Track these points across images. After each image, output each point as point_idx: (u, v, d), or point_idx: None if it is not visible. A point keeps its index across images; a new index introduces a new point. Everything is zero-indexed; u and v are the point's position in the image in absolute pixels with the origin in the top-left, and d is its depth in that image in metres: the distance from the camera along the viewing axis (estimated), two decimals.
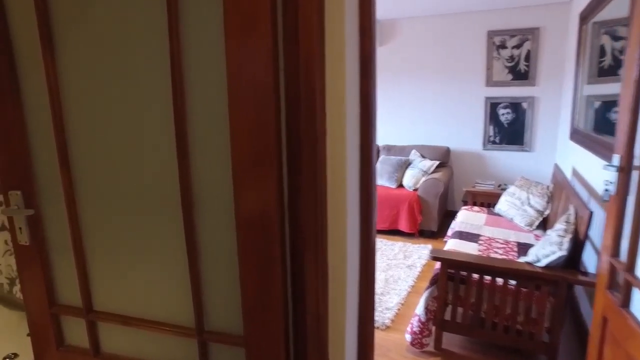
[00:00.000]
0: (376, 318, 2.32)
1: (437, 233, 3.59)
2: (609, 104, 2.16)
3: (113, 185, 1.04)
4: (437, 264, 2.11)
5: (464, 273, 1.93)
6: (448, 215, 3.88)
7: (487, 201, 3.45)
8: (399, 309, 2.43)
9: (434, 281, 2.04)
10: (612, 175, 1.12)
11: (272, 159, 0.83)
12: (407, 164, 3.85)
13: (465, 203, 3.55)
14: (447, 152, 3.98)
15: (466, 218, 2.91)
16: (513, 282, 1.85)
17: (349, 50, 0.85)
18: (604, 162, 1.87)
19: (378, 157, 4.11)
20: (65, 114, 1.05)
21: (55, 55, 1.02)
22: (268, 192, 0.85)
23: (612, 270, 1.16)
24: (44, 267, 1.19)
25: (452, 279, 1.97)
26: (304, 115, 0.83)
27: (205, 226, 0.96)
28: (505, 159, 3.85)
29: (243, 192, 0.87)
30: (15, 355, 1.51)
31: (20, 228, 1.16)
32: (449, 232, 2.98)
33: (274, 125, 0.82)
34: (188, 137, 0.92)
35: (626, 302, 1.08)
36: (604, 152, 1.98)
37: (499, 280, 1.86)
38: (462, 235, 2.57)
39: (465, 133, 3.98)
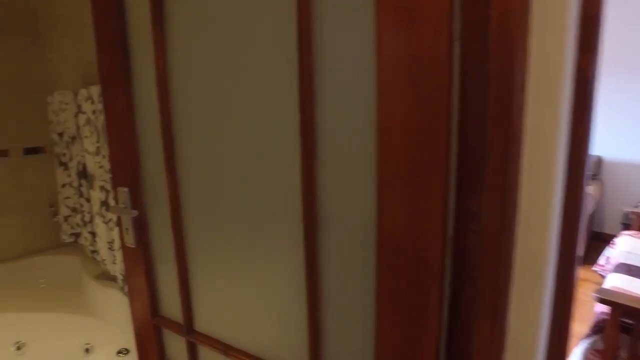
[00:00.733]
0: None
1: (585, 258, 2.96)
2: None
3: (222, 192, 0.86)
4: (601, 306, 1.63)
5: None
6: (596, 239, 3.21)
7: None
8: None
9: (598, 329, 1.58)
10: None
11: (439, 170, 0.56)
12: None
13: (626, 227, 2.87)
14: (598, 162, 3.29)
15: (632, 247, 2.30)
16: None
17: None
18: None
19: None
20: (173, 107, 0.90)
21: (166, 42, 0.87)
22: (430, 216, 0.58)
23: None
24: (148, 273, 1.07)
25: (627, 330, 1.49)
26: (492, 107, 0.54)
27: (330, 251, 0.72)
28: None
29: (390, 212, 0.61)
30: (127, 350, 1.46)
31: (127, 229, 1.06)
32: (604, 262, 2.40)
33: (445, 119, 0.54)
34: (316, 136, 0.69)
35: None
36: None
37: None
38: (630, 270, 2.01)
39: (624, 138, 3.24)
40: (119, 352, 1.44)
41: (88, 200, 1.71)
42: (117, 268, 1.51)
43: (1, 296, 2.10)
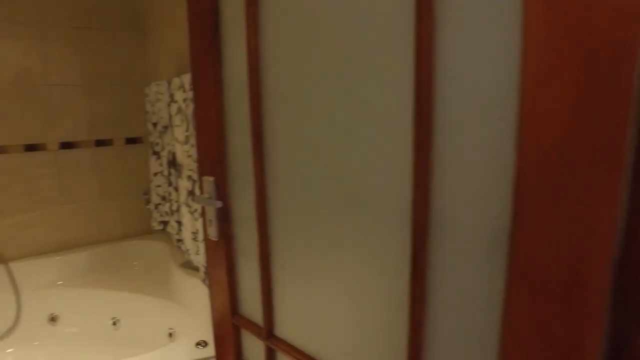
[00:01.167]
0: None
1: None
2: None
3: (314, 186, 0.76)
4: None
5: None
6: None
7: None
8: None
9: None
10: None
11: (613, 169, 0.40)
12: None
13: None
14: None
15: None
16: None
17: None
18: None
19: None
20: (264, 91, 0.82)
21: (259, 17, 0.79)
22: (593, 229, 0.42)
23: None
24: (230, 269, 1.01)
25: None
26: None
27: (443, 260, 0.59)
28: None
29: (536, 221, 0.46)
30: (206, 343, 1.45)
31: (210, 220, 1.01)
32: None
33: (627, 101, 0.38)
34: (432, 121, 0.56)
35: None
36: None
37: None
38: None
39: None
40: (198, 343, 1.43)
41: (176, 189, 1.74)
42: (200, 259, 1.50)
43: (103, 275, 2.24)
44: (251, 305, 0.99)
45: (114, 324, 2.12)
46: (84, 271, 2.24)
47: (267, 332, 0.93)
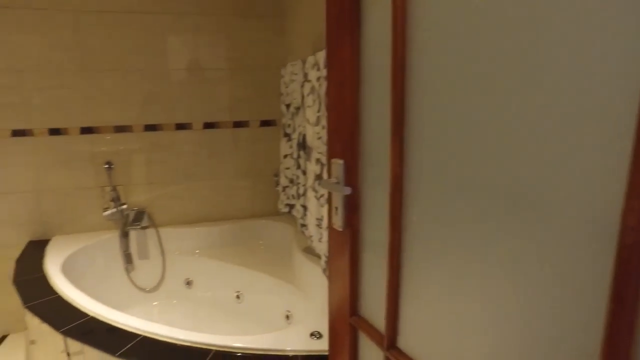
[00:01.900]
0: None
1: None
2: None
3: (469, 183, 0.60)
4: None
5: None
6: None
7: None
8: None
9: None
10: None
11: None
12: None
13: None
14: None
15: None
16: None
17: None
18: None
19: None
20: (409, 63, 0.68)
21: None
22: None
23: None
24: (353, 263, 0.91)
25: None
26: None
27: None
28: None
29: None
30: (320, 335, 1.39)
31: (336, 208, 0.92)
32: None
33: None
34: None
35: None
36: None
37: None
38: None
39: None
40: (312, 334, 1.37)
41: (304, 172, 1.71)
42: (322, 247, 1.44)
43: (232, 250, 2.37)
44: (373, 308, 0.88)
45: (238, 297, 2.22)
46: (216, 244, 2.40)
47: (389, 342, 0.81)
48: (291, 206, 1.99)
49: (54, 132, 2.17)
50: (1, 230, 2.21)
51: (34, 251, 2.10)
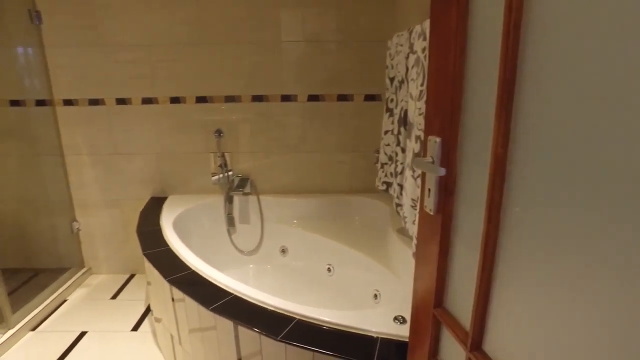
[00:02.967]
0: None
1: None
2: None
3: (579, 163, 0.48)
4: None
5: None
6: None
7: None
8: None
9: None
10: None
11: None
12: None
13: None
14: None
15: None
16: None
17: None
18: None
19: None
20: (525, 22, 0.56)
21: None
22: None
23: None
24: (442, 251, 0.83)
25: None
26: None
27: None
28: None
29: None
30: (404, 320, 1.33)
31: (429, 189, 0.84)
32: None
33: None
34: None
35: None
36: None
37: None
38: None
39: None
40: (396, 318, 1.32)
41: (403, 150, 1.62)
42: (415, 229, 1.36)
43: (327, 223, 2.40)
44: (460, 302, 0.79)
45: (329, 270, 2.25)
46: (313, 216, 2.44)
47: (474, 343, 0.72)
48: (388, 184, 1.92)
49: (174, 100, 2.37)
50: (132, 185, 2.53)
51: (154, 206, 2.36)
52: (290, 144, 2.44)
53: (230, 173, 2.43)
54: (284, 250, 2.45)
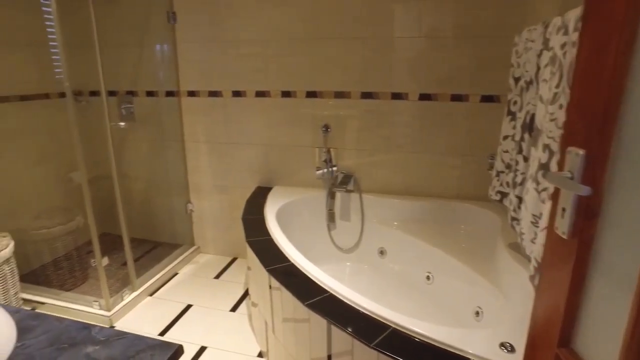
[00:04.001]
0: None
1: None
2: None
3: None
4: None
5: None
6: None
7: None
8: None
9: None
10: None
11: None
12: None
13: None
14: None
15: None
16: None
17: None
18: None
19: None
20: None
21: None
22: None
23: None
24: (574, 282, 0.71)
25: None
26: None
27: None
28: None
29: None
30: (512, 348, 1.20)
31: (563, 209, 0.72)
32: None
33: None
34: None
35: None
36: None
37: None
38: None
39: None
40: (502, 344, 1.19)
41: (526, 158, 1.45)
42: (534, 249, 1.20)
43: (429, 228, 2.28)
44: (595, 346, 0.66)
45: (428, 277, 2.14)
46: (415, 219, 2.34)
47: None
48: (503, 194, 1.74)
49: (285, 94, 2.45)
50: (241, 173, 2.68)
51: (259, 195, 2.46)
52: (398, 143, 2.36)
53: (334, 168, 2.44)
54: (382, 252, 2.40)
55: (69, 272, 2.49)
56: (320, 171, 2.39)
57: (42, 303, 2.27)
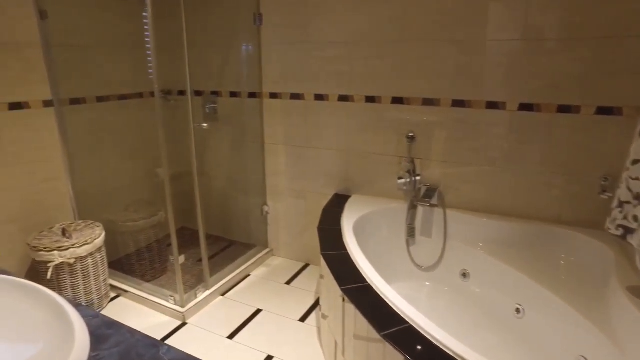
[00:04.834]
0: None
1: None
2: None
3: None
4: None
5: None
6: None
7: None
8: None
9: None
10: None
11: None
12: None
13: None
14: None
15: None
16: None
17: None
18: None
19: None
20: None
21: None
22: None
23: None
24: None
25: None
26: None
27: None
28: None
29: None
30: None
31: None
32: None
33: None
34: None
35: None
36: None
37: None
38: None
39: None
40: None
41: None
42: None
43: (521, 254, 2.03)
44: None
45: (518, 311, 1.90)
46: (505, 242, 2.10)
47: None
48: (627, 230, 1.46)
49: (369, 99, 2.31)
50: (319, 179, 2.61)
51: (337, 203, 2.36)
52: (489, 157, 2.13)
53: (417, 178, 2.27)
54: (465, 274, 2.18)
55: (150, 263, 2.59)
56: (403, 180, 2.24)
57: (126, 291, 2.39)
